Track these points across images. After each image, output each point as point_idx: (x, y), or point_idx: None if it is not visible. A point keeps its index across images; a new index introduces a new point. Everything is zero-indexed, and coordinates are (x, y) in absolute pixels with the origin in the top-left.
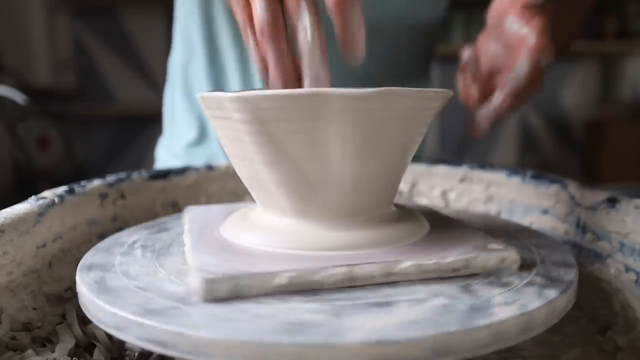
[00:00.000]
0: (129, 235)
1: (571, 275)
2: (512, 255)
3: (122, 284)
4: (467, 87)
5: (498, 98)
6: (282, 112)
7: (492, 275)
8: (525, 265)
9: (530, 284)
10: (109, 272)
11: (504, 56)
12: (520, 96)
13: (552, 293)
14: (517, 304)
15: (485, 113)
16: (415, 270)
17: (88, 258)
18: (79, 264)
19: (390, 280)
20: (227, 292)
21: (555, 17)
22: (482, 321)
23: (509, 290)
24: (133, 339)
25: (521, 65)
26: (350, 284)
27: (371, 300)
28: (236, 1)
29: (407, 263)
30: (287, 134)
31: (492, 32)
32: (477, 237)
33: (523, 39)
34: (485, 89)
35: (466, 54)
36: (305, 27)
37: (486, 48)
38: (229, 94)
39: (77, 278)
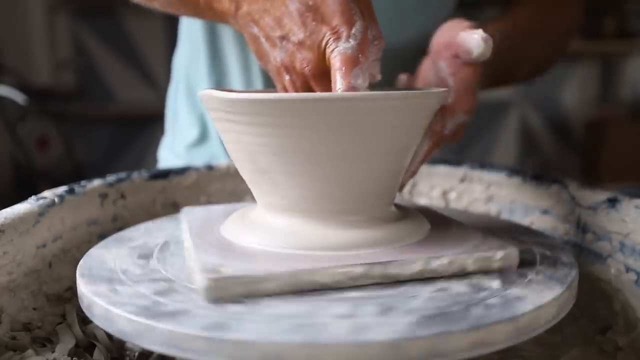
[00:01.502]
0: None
1: (571, 275)
2: (512, 253)
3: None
4: None
5: (409, 167)
6: (281, 114)
7: (494, 273)
8: (526, 264)
9: (531, 282)
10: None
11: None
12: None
13: (552, 293)
14: (525, 300)
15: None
16: (420, 271)
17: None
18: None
19: (394, 280)
20: (233, 293)
21: (511, 51)
22: (500, 315)
23: (512, 288)
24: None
25: (421, 142)
26: (351, 284)
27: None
28: (282, 91)
29: (414, 265)
30: (287, 136)
31: (431, 62)
32: (477, 237)
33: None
34: None
35: (401, 79)
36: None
37: (426, 74)
38: (231, 95)
39: (86, 290)
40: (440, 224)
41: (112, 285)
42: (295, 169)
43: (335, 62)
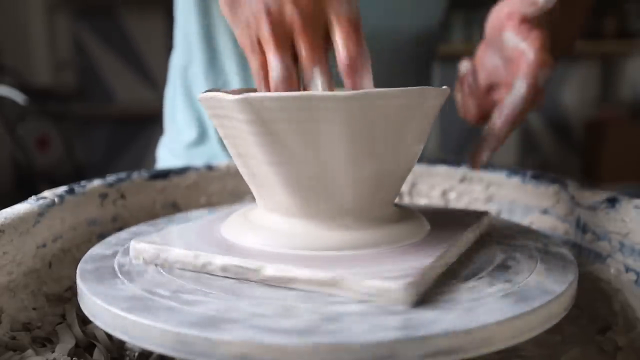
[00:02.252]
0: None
1: (571, 275)
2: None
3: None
4: (465, 101)
5: (496, 124)
6: (282, 112)
7: (498, 269)
8: (531, 257)
9: (528, 284)
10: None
11: (502, 70)
12: (520, 117)
13: (552, 293)
14: (519, 303)
15: (486, 142)
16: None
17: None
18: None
19: None
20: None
21: (555, 26)
22: (494, 318)
23: (509, 289)
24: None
25: (519, 87)
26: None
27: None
28: (251, 50)
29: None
30: (288, 134)
31: (490, 44)
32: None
33: (521, 54)
34: (484, 104)
35: (464, 67)
36: (317, 86)
37: (484, 61)
38: (232, 96)
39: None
40: (441, 225)
41: (101, 264)
42: (293, 169)
43: (342, 26)
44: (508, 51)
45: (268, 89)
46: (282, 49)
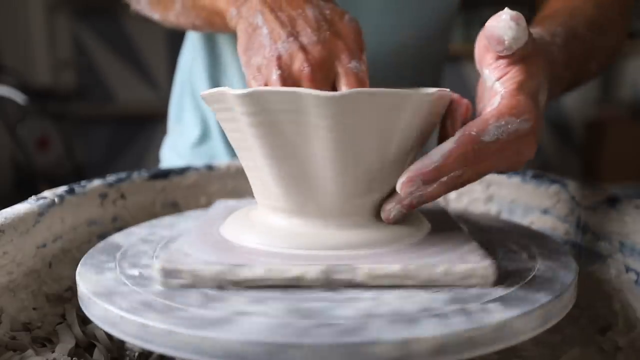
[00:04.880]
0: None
1: (571, 275)
2: (487, 272)
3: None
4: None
5: (399, 185)
6: (280, 106)
7: (459, 289)
8: (531, 256)
9: (529, 284)
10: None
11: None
12: (430, 180)
13: (552, 293)
14: (519, 303)
15: (391, 204)
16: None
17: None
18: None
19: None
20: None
21: (582, 46)
22: (492, 318)
23: (509, 289)
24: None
25: (447, 142)
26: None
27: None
28: (261, 72)
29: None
30: (286, 131)
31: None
32: (465, 247)
33: (495, 95)
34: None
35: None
36: None
37: (479, 94)
38: (235, 91)
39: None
40: (441, 225)
41: (101, 264)
42: (290, 169)
43: (347, 79)
44: (488, 90)
45: None
46: None
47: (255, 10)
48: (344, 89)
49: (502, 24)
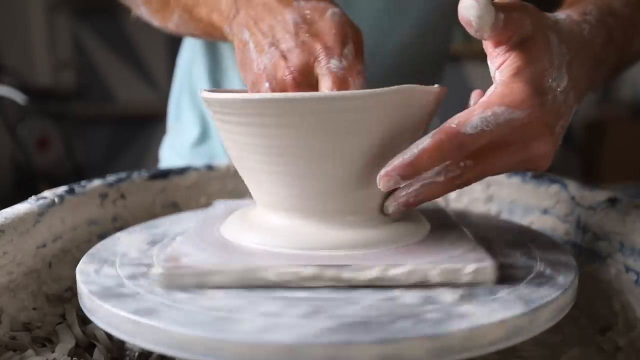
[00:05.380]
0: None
1: (571, 275)
2: (486, 269)
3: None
4: None
5: (377, 180)
6: (268, 114)
7: (463, 287)
8: (513, 279)
9: (540, 273)
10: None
11: None
12: (406, 176)
13: (552, 293)
14: (519, 303)
15: (389, 201)
16: (380, 277)
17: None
18: (81, 285)
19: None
20: (184, 282)
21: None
22: (423, 332)
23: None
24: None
25: (425, 136)
26: (312, 285)
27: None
28: (254, 88)
29: (372, 271)
30: (275, 135)
31: None
32: (464, 246)
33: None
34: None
35: (473, 98)
36: None
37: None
38: (234, 96)
39: (114, 309)
40: (441, 225)
41: (101, 264)
42: (287, 169)
43: (325, 80)
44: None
45: None
46: None
47: (242, 26)
48: (323, 90)
49: (466, 4)
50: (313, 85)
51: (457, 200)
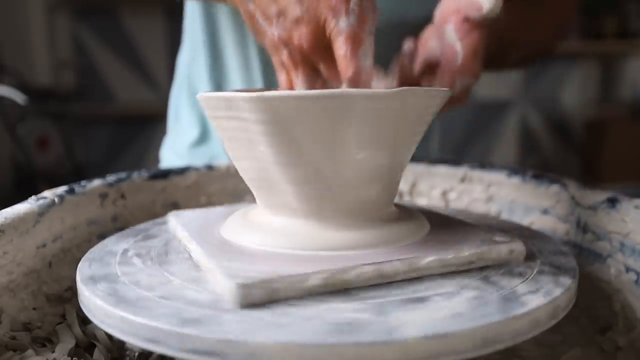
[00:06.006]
0: (115, 244)
1: (571, 275)
2: (519, 247)
3: (140, 294)
4: (397, 84)
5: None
6: (303, 113)
7: (503, 266)
8: (531, 256)
9: (541, 272)
10: (117, 282)
11: (438, 58)
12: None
13: (552, 293)
14: (542, 291)
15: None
16: (437, 264)
17: (85, 269)
18: (78, 275)
19: (414, 276)
20: (262, 296)
21: (508, 28)
22: (519, 310)
23: (526, 279)
24: (172, 351)
25: None
26: (378, 282)
27: (405, 296)
28: (279, 69)
29: (429, 258)
30: (305, 135)
31: (436, 30)
32: (480, 233)
33: (453, 54)
34: (415, 84)
35: (406, 46)
36: None
37: (428, 43)
38: (244, 94)
39: (85, 291)
40: (441, 224)
41: (104, 265)
42: (288, 169)
43: (340, 44)
44: (445, 45)
45: None
46: (302, 67)
47: None
48: (337, 57)
49: None
50: (329, 47)
51: (457, 200)
